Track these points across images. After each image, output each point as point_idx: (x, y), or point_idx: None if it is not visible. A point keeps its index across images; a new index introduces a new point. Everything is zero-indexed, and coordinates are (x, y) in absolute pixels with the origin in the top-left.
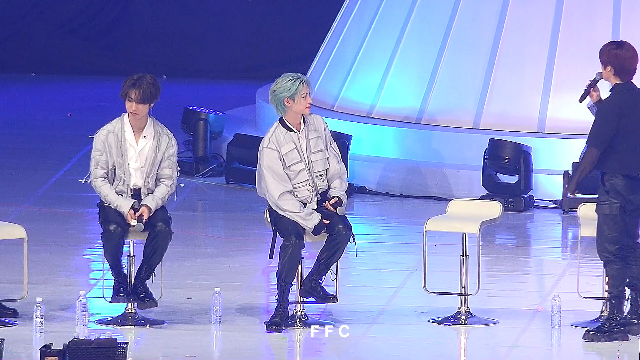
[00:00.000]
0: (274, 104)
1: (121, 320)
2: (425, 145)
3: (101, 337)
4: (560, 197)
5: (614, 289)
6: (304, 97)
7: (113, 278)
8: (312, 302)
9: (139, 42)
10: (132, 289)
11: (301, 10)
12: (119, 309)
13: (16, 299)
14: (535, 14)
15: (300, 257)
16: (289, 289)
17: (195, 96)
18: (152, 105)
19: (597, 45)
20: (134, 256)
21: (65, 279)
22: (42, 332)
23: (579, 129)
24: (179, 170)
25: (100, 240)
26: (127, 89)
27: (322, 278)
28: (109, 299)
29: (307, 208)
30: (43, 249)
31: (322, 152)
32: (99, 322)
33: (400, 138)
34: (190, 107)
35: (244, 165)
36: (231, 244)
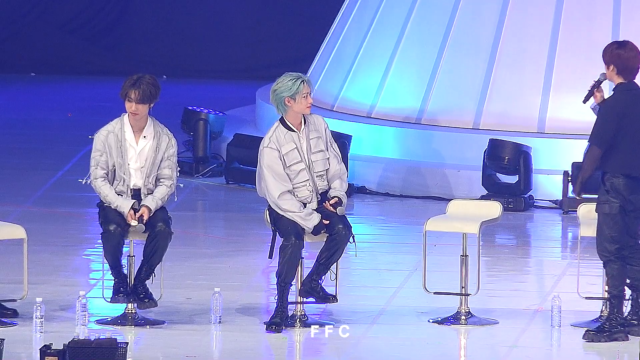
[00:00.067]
0: (274, 103)
1: (121, 321)
2: (425, 145)
3: (101, 337)
4: (560, 197)
5: (613, 289)
6: (305, 96)
7: (113, 278)
8: (312, 302)
9: (139, 42)
10: (132, 289)
11: (301, 10)
12: (119, 309)
13: (16, 299)
14: (535, 14)
15: (300, 257)
16: (289, 289)
17: (195, 96)
18: (152, 106)
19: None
20: (134, 256)
21: (65, 279)
22: (42, 332)
23: (579, 129)
24: (179, 170)
25: (100, 241)
26: (127, 89)
27: (322, 278)
28: (109, 299)
29: (307, 208)
30: (43, 249)
31: (323, 152)
32: (99, 322)
33: (400, 138)
34: (190, 107)
35: (243, 166)
36: (231, 244)
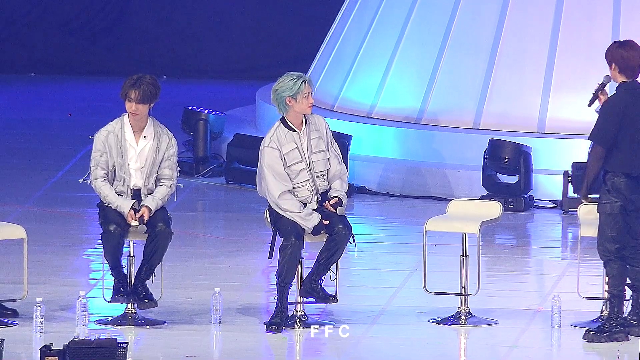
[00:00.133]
0: (275, 103)
1: (121, 321)
2: (425, 145)
3: (101, 337)
4: (560, 197)
5: (613, 289)
6: (306, 96)
7: (113, 278)
8: (312, 302)
9: (139, 42)
10: (132, 289)
11: (301, 10)
12: (119, 309)
13: (16, 299)
14: (535, 14)
15: (299, 258)
16: (289, 289)
17: (195, 96)
18: (152, 106)
19: (597, 45)
20: (134, 256)
21: (65, 279)
22: (42, 332)
23: (579, 129)
24: (179, 170)
25: (100, 241)
26: (127, 89)
27: (322, 278)
28: (109, 299)
29: (307, 208)
30: (43, 249)
31: (323, 153)
32: (99, 322)
33: (400, 138)
34: (190, 108)
35: (243, 166)
36: (231, 244)
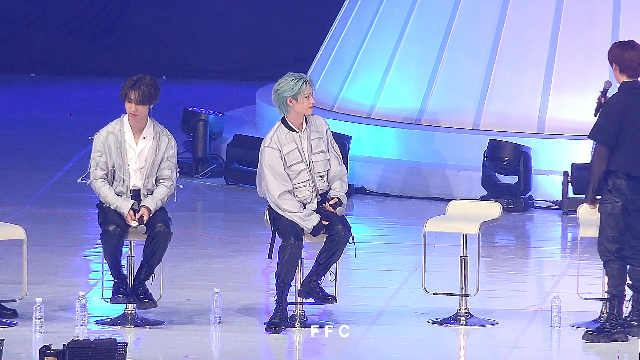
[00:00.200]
0: (276, 103)
1: (121, 321)
2: (425, 145)
3: (101, 337)
4: (559, 198)
5: (613, 289)
6: (307, 97)
7: (112, 279)
8: (312, 302)
9: (139, 42)
10: (131, 290)
11: (301, 10)
12: (118, 309)
13: (16, 300)
14: (535, 14)
15: (299, 258)
16: (288, 290)
17: (195, 97)
18: (152, 107)
19: (597, 45)
20: (134, 257)
21: (64, 280)
22: (41, 332)
23: (578, 130)
24: (179, 171)
25: (100, 241)
26: (127, 90)
27: (322, 279)
28: (109, 300)
29: (306, 209)
30: (43, 250)
31: (324, 153)
32: (99, 322)
33: (400, 139)
34: (190, 108)
35: (243, 166)
36: (231, 244)
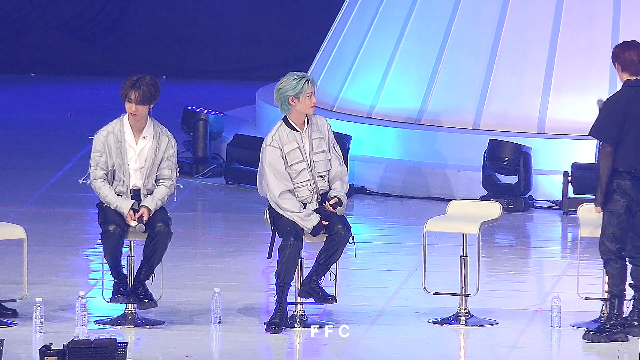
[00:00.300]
0: (278, 102)
1: (121, 321)
2: (425, 145)
3: (101, 337)
4: (560, 198)
5: (613, 288)
6: (309, 96)
7: (113, 278)
8: (312, 302)
9: (139, 42)
10: (131, 290)
11: (301, 10)
12: (118, 309)
13: (16, 299)
14: (535, 14)
15: (299, 258)
16: (288, 290)
17: (195, 96)
18: (152, 106)
19: (597, 45)
20: (134, 256)
21: (65, 279)
22: (41, 332)
23: (578, 130)
24: (179, 170)
25: (100, 241)
26: (127, 90)
27: (322, 278)
28: (109, 300)
29: (306, 209)
30: (43, 249)
31: (325, 153)
32: (99, 322)
33: (400, 138)
34: (190, 108)
35: (243, 166)
36: (231, 244)
